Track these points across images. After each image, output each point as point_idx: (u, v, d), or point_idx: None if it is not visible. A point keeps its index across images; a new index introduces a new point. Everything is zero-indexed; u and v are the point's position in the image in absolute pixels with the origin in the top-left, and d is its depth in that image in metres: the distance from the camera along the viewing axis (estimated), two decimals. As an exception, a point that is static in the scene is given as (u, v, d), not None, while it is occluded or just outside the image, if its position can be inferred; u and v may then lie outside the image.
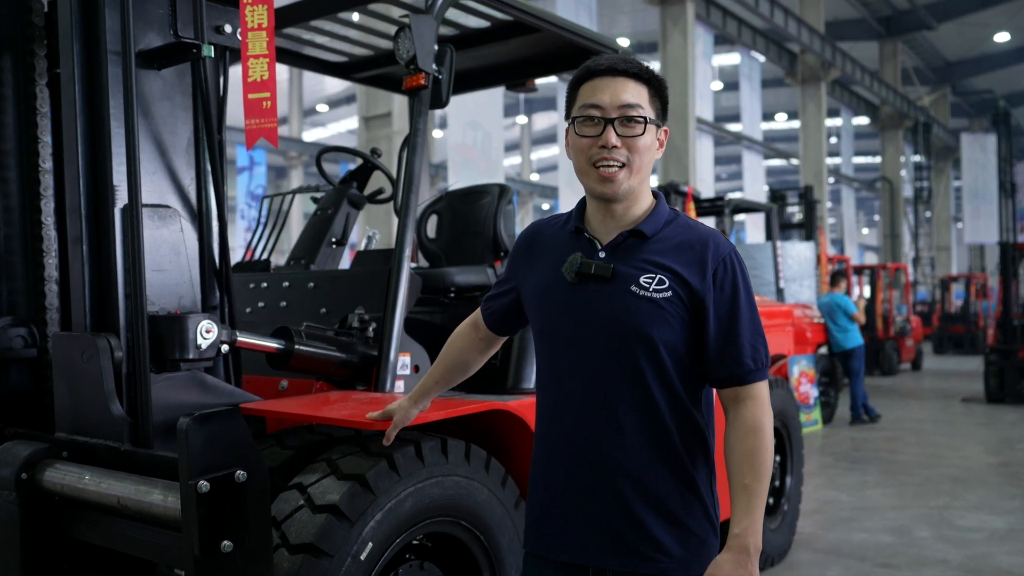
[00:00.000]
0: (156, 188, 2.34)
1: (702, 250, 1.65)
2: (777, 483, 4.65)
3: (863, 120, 28.27)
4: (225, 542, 1.87)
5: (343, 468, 2.19)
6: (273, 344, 2.50)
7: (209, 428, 1.88)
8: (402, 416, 2.01)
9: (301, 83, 26.53)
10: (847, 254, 22.17)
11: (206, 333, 2.23)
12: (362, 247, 3.79)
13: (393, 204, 2.90)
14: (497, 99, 12.39)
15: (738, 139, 19.74)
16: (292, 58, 3.85)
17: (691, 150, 14.52)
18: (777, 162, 32.11)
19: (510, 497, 2.56)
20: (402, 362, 2.70)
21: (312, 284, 3.01)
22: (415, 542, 2.46)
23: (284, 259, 3.86)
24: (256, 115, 2.32)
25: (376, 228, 4.58)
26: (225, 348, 2.31)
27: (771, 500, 4.62)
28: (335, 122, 31.89)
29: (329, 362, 2.61)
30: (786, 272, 9.84)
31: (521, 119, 29.80)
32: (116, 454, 2.13)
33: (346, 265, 3.61)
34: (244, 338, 2.39)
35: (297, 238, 3.76)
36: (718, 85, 23.91)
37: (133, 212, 2.16)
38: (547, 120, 30.65)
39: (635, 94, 1.64)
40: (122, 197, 2.24)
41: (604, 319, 1.64)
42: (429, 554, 2.49)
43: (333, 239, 3.66)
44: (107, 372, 2.17)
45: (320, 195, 3.85)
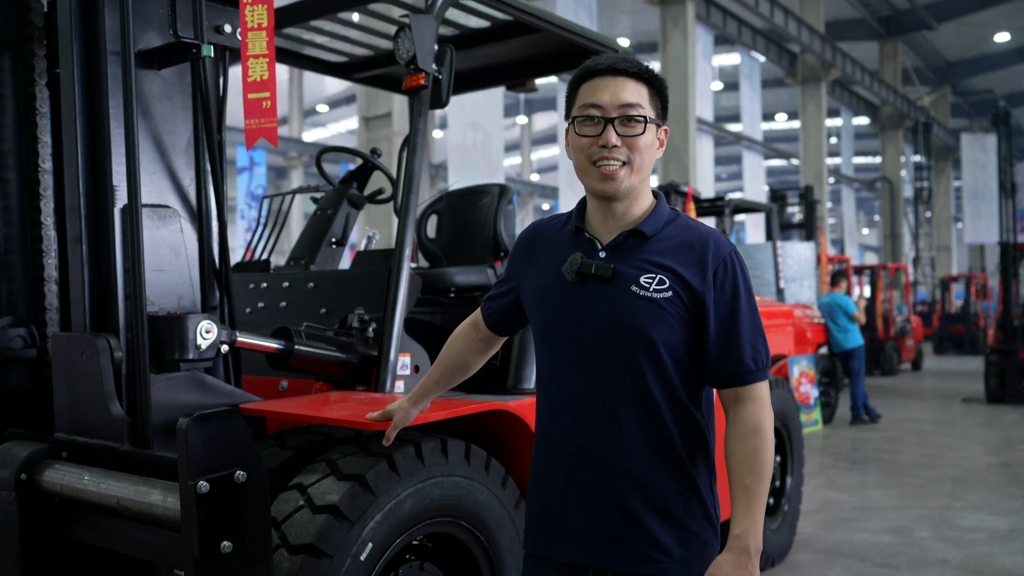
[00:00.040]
0: (156, 188, 2.34)
1: (702, 250, 1.65)
2: (777, 483, 4.65)
3: (863, 120, 28.28)
4: (225, 543, 1.87)
5: (343, 468, 2.19)
6: (273, 344, 2.50)
7: (209, 428, 1.88)
8: (402, 416, 2.01)
9: (301, 83, 26.54)
10: (847, 254, 22.16)
11: (206, 333, 2.23)
12: (362, 247, 3.79)
13: (393, 204, 2.90)
14: (497, 99, 12.39)
15: (738, 139, 19.74)
16: (292, 58, 3.84)
17: (691, 150, 14.53)
18: (777, 162, 32.12)
19: (510, 497, 2.56)
20: (402, 362, 2.69)
21: (312, 284, 3.01)
22: (415, 542, 2.46)
23: (284, 259, 3.85)
24: (256, 115, 2.32)
25: (376, 228, 4.58)
26: (225, 348, 2.31)
27: (771, 500, 4.62)
28: (335, 122, 31.90)
29: (329, 362, 2.60)
30: (786, 272, 9.84)
31: (521, 119, 29.80)
32: (116, 454, 2.13)
33: (346, 265, 3.60)
34: (244, 338, 2.39)
35: (297, 238, 3.75)
36: (718, 85, 23.92)
37: (133, 212, 2.16)
38: (547, 120, 30.66)
39: (635, 93, 1.64)
40: (122, 197, 2.23)
41: (604, 319, 1.63)
42: (429, 554, 2.48)
43: (333, 239, 3.66)
44: (107, 372, 2.17)
45: (320, 195, 3.84)
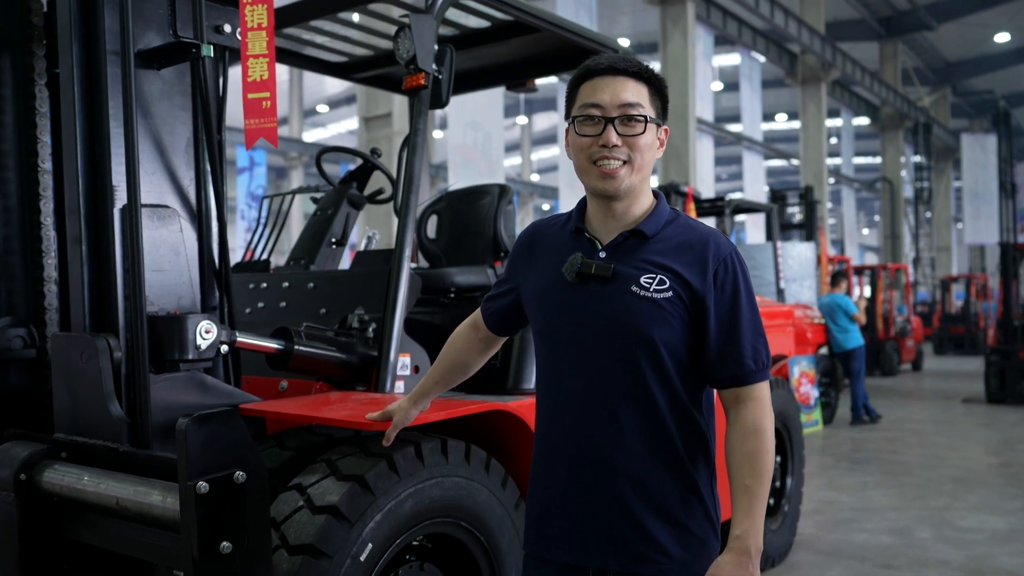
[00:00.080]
0: (155, 188, 2.34)
1: (703, 250, 1.64)
2: (778, 484, 4.65)
3: (863, 120, 28.27)
4: (224, 543, 1.87)
5: (343, 469, 2.19)
6: (273, 344, 2.50)
7: (208, 429, 1.87)
8: (402, 417, 2.01)
9: (301, 83, 26.54)
10: (847, 254, 22.14)
11: (205, 333, 2.23)
12: (362, 247, 3.79)
13: (393, 204, 2.90)
14: (497, 100, 12.38)
15: (738, 139, 19.74)
16: (292, 58, 3.84)
17: (691, 150, 14.52)
18: (777, 162, 32.12)
19: (510, 498, 2.55)
20: (402, 362, 2.69)
21: (312, 284, 3.01)
22: (415, 543, 2.45)
23: (284, 259, 3.85)
24: (256, 115, 2.32)
25: (376, 228, 4.57)
26: (225, 348, 2.31)
27: (772, 501, 4.61)
28: (335, 122, 31.91)
29: (329, 363, 2.60)
30: (786, 272, 9.84)
31: (521, 120, 29.80)
32: (115, 455, 2.12)
33: (346, 265, 3.60)
34: (244, 338, 2.39)
35: (297, 238, 3.75)
36: (718, 85, 23.91)
37: (132, 212, 2.15)
38: (547, 120, 30.65)
39: (635, 93, 1.64)
40: (121, 197, 2.23)
41: (604, 319, 1.63)
42: (429, 555, 2.48)
43: (333, 239, 3.66)
44: (106, 373, 2.17)
45: (320, 195, 3.84)
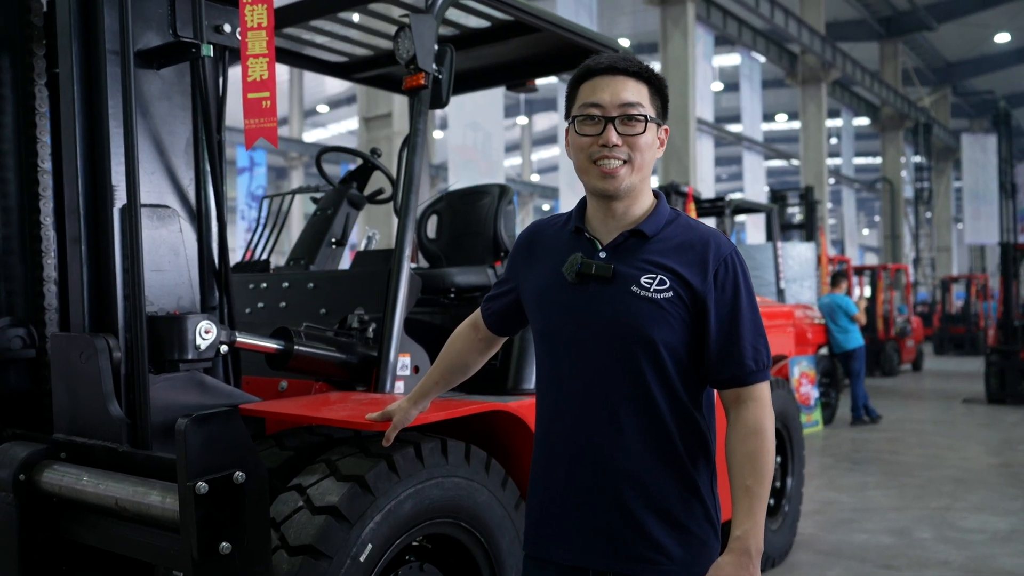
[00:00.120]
0: (155, 188, 2.34)
1: (703, 250, 1.64)
2: (778, 484, 4.65)
3: (863, 121, 28.27)
4: (223, 544, 1.86)
5: (342, 469, 2.19)
6: (272, 345, 2.50)
7: (208, 429, 1.87)
8: (402, 417, 2.00)
9: (301, 83, 26.54)
10: (848, 255, 22.14)
11: (205, 334, 2.22)
12: (362, 247, 3.78)
13: (393, 204, 2.89)
14: (497, 100, 12.38)
15: (738, 140, 19.74)
16: (292, 58, 3.84)
17: (691, 151, 14.52)
18: (778, 163, 32.12)
19: (510, 498, 2.55)
20: (402, 363, 2.69)
21: (312, 284, 3.01)
22: (415, 543, 2.45)
23: (284, 259, 3.85)
24: (256, 115, 2.32)
25: (376, 228, 4.57)
26: (224, 349, 2.31)
27: (772, 501, 4.61)
28: (335, 123, 31.91)
29: (329, 363, 2.60)
30: (787, 273, 9.83)
31: (521, 120, 29.80)
32: (114, 455, 2.12)
33: (346, 265, 3.60)
34: (243, 339, 2.39)
35: (297, 238, 3.75)
36: (718, 86, 23.91)
37: (132, 212, 2.15)
38: (547, 121, 30.66)
39: (635, 93, 1.63)
40: (121, 197, 2.23)
41: (605, 320, 1.63)
42: (429, 555, 2.48)
43: (333, 239, 3.65)
44: (106, 373, 2.16)
45: (320, 195, 3.84)
